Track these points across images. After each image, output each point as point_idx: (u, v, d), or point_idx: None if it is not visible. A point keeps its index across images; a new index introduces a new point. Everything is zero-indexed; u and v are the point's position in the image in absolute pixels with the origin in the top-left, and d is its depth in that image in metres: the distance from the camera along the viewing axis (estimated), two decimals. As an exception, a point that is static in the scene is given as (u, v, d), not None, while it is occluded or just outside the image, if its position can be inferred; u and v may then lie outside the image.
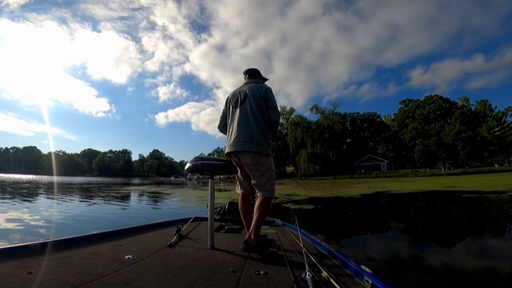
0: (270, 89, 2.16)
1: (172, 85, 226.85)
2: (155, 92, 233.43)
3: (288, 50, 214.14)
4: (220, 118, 2.35)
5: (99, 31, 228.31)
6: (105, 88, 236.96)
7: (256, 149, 1.99)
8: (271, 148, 2.12)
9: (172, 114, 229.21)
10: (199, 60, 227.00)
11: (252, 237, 1.88)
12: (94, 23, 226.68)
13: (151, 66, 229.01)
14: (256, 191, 2.04)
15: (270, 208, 2.27)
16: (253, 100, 2.06)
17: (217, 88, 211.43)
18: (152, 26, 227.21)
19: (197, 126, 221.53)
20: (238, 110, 2.11)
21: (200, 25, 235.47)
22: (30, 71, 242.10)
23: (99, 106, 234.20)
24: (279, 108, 2.17)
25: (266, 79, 2.42)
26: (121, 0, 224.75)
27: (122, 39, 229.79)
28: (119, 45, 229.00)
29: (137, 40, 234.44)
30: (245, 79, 2.34)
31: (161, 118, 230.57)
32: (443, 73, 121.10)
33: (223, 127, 2.32)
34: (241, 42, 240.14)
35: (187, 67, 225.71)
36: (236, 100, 2.15)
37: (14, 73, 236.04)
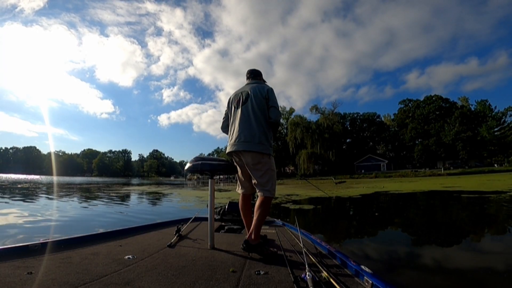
0: (271, 89, 2.16)
1: (176, 87, 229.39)
2: (159, 95, 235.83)
3: (288, 54, 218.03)
4: (223, 119, 2.35)
5: (107, 36, 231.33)
6: (110, 90, 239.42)
7: (258, 148, 1.99)
8: (272, 148, 2.12)
9: (175, 116, 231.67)
10: (202, 64, 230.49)
11: (253, 237, 1.88)
12: (102, 28, 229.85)
13: (157, 70, 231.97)
14: (257, 191, 2.04)
15: (271, 208, 2.27)
16: (255, 100, 2.07)
17: (219, 90, 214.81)
18: (159, 32, 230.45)
19: (199, 127, 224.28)
20: (239, 110, 2.11)
21: (204, 31, 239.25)
22: (36, 73, 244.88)
23: (103, 107, 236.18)
24: (279, 109, 2.18)
25: (264, 81, 2.42)
26: (128, 6, 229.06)
27: (129, 44, 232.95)
28: (126, 49, 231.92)
29: (143, 44, 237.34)
30: (247, 79, 2.34)
31: (163, 119, 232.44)
32: (439, 76, 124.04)
33: (225, 127, 2.33)
34: (243, 47, 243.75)
35: (191, 71, 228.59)
36: (238, 100, 2.16)
37: (20, 75, 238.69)
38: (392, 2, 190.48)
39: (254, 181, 2.05)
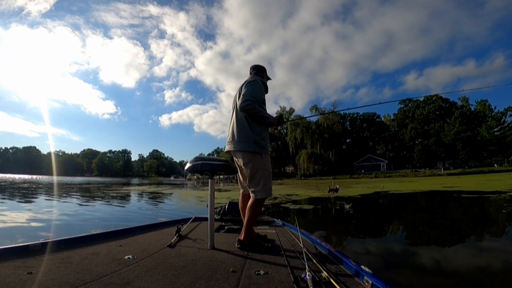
0: (251, 80, 2.05)
1: (177, 89, 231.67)
2: (161, 96, 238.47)
3: (289, 56, 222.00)
4: None
5: (110, 38, 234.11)
6: (112, 91, 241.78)
7: (240, 147, 1.97)
8: (265, 146, 2.02)
9: (176, 116, 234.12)
10: (204, 66, 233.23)
11: (242, 237, 1.93)
12: (106, 30, 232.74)
13: (159, 71, 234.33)
14: (249, 191, 2.03)
15: (262, 208, 2.27)
16: (238, 98, 2.07)
17: (221, 91, 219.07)
18: (162, 34, 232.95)
19: (200, 127, 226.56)
20: (233, 110, 2.16)
21: (206, 34, 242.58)
22: (39, 74, 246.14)
23: (105, 108, 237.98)
24: (278, 108, 2.18)
25: (269, 78, 2.43)
26: (131, 9, 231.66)
27: (132, 46, 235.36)
28: (130, 51, 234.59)
29: (146, 46, 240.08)
30: (250, 75, 2.34)
31: (164, 119, 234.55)
32: (436, 77, 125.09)
33: None
34: (244, 49, 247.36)
35: (193, 73, 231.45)
36: (234, 101, 2.20)
37: (23, 76, 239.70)
38: (390, 5, 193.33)
39: (246, 181, 2.04)
